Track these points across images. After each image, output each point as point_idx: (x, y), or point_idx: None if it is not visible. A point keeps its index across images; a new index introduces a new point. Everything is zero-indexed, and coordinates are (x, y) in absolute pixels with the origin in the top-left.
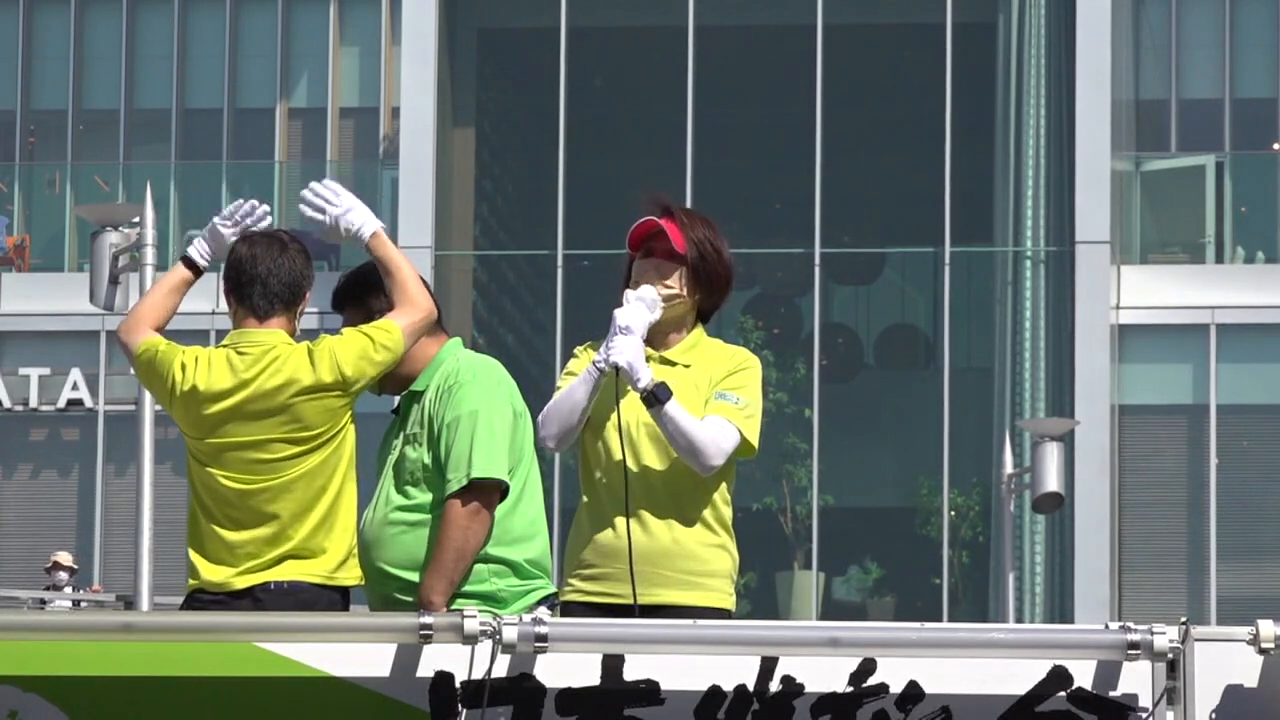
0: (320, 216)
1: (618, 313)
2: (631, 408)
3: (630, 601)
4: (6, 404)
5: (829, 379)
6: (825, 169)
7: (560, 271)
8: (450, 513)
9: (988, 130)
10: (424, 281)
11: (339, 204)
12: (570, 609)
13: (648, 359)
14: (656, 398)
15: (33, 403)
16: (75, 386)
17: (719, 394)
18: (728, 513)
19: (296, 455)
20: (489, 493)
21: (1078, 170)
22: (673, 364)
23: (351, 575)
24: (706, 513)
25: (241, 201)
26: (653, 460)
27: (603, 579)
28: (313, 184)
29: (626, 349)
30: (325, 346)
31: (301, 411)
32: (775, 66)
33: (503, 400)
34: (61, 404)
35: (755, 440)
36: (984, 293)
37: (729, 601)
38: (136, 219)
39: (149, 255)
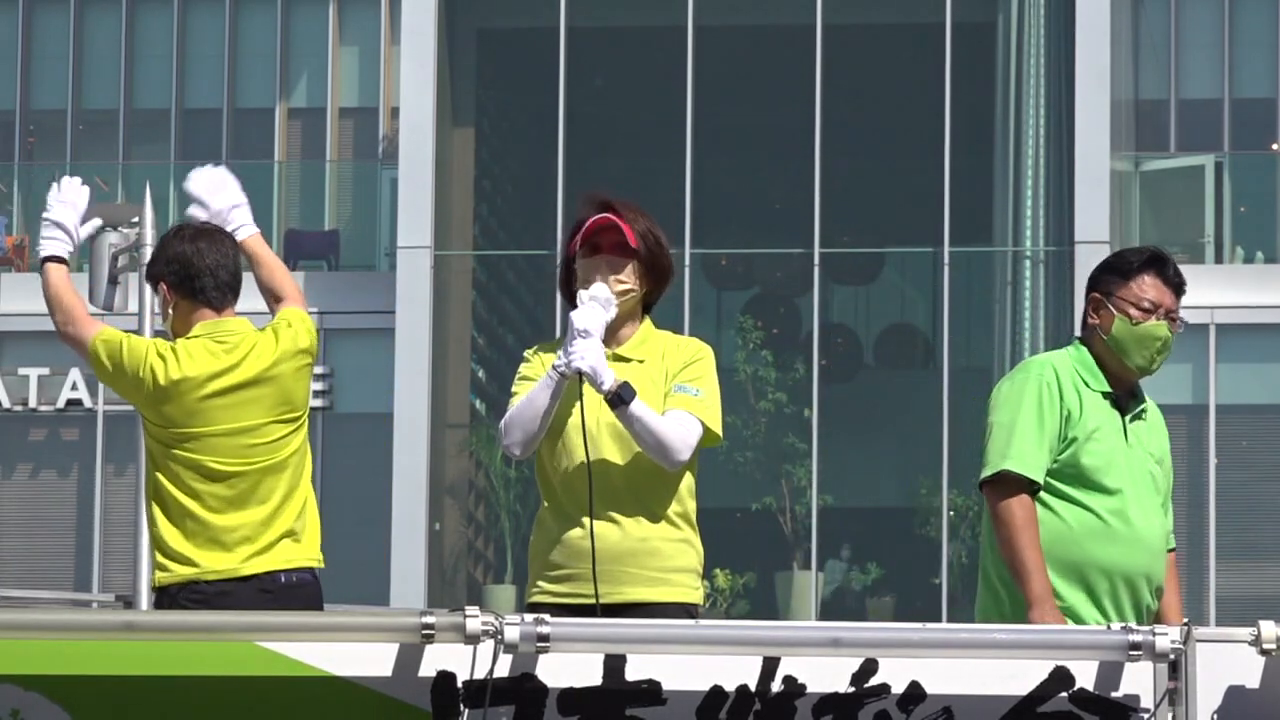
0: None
1: (574, 315)
2: (592, 408)
3: (595, 601)
4: (6, 404)
5: (828, 379)
6: (825, 169)
7: (560, 271)
8: None
9: (987, 130)
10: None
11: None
12: (538, 611)
13: None
14: (621, 398)
15: (32, 403)
16: (74, 386)
17: (677, 386)
18: (692, 505)
19: (285, 436)
20: None
21: (1077, 170)
22: (627, 360)
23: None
24: (671, 508)
25: (57, 188)
26: (615, 459)
27: (570, 580)
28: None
29: (588, 352)
30: (283, 319)
31: (290, 384)
32: (775, 66)
33: None
34: (61, 404)
35: (719, 428)
36: (984, 293)
37: (696, 595)
38: (136, 219)
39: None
